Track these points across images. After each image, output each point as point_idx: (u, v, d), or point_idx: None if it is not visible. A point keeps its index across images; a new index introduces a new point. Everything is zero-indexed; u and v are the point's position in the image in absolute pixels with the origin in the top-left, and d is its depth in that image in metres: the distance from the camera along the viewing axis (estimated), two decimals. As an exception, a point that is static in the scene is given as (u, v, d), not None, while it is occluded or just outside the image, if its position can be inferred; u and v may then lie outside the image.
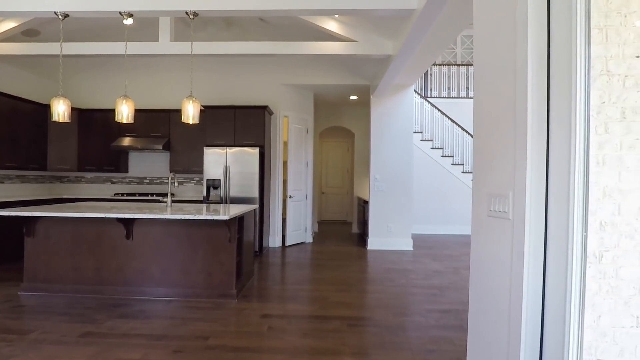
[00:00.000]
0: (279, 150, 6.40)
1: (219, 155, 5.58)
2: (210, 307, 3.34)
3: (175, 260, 3.53)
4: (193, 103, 3.39)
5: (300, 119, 6.67)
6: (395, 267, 5.05)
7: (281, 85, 6.38)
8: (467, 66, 9.36)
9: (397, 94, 6.26)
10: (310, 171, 6.92)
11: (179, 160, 6.09)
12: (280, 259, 5.51)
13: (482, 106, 1.82)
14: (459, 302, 3.58)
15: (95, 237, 3.54)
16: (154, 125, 6.09)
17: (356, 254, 5.89)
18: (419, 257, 5.73)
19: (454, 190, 8.33)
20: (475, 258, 1.91)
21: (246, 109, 5.76)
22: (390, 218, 6.30)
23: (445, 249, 6.45)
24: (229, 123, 5.77)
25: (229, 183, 5.58)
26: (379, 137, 6.30)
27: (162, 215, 3.13)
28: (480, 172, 1.84)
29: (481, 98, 1.82)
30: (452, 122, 8.51)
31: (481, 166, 1.83)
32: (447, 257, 5.76)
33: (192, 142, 6.07)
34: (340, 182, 10.40)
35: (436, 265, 5.17)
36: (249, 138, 5.75)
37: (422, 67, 4.99)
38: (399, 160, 6.28)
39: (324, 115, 8.50)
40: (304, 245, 6.55)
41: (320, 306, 3.44)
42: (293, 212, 6.49)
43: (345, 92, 6.97)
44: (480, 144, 1.84)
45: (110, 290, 3.53)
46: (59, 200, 5.75)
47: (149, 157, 6.45)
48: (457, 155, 8.48)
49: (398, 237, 6.30)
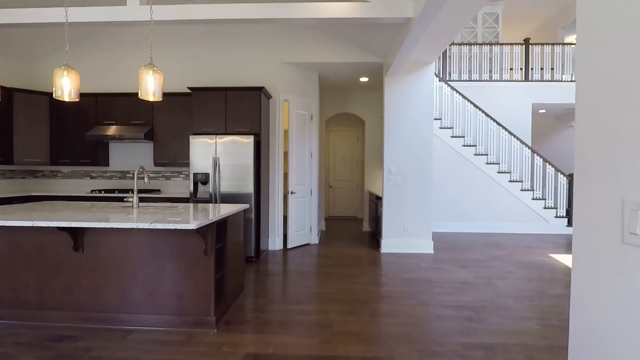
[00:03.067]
0: (278, 139, 5.58)
1: (207, 146, 4.79)
2: (179, 340, 2.57)
3: (136, 278, 2.76)
4: (154, 74, 2.58)
5: (303, 103, 5.83)
6: (415, 276, 4.23)
7: (280, 64, 5.54)
8: (490, 45, 8.39)
9: (415, 73, 5.37)
10: (315, 163, 6.10)
11: (163, 151, 5.32)
12: (279, 265, 4.73)
13: (600, 67, 0.96)
14: (504, 333, 2.76)
15: (35, 249, 2.78)
16: (134, 111, 5.32)
17: (368, 259, 5.08)
18: (441, 262, 4.90)
19: (475, 184, 7.44)
20: (583, 304, 1.08)
21: (239, 90, 4.94)
22: (407, 216, 5.46)
23: (469, 251, 5.60)
24: (219, 108, 4.96)
25: (219, 177, 4.79)
26: (394, 124, 5.43)
27: (97, 224, 2.34)
28: (598, 167, 1.00)
29: (598, 53, 0.96)
30: (476, 107, 7.58)
31: (598, 159, 1.00)
32: (473, 262, 4.92)
33: (178, 131, 5.29)
34: (349, 174, 9.57)
35: (463, 274, 4.33)
36: (242, 125, 4.94)
37: (446, 37, 4.08)
38: (417, 150, 5.42)
39: (330, 101, 7.64)
40: (309, 248, 5.76)
41: (323, 339, 2.64)
42: (295, 210, 5.69)
43: (355, 73, 6.11)
44: (593, 125, 1.00)
45: (56, 317, 2.78)
46: (24, 199, 5.03)
47: (132, 149, 5.69)
48: (480, 144, 7.57)
49: (416, 238, 5.46)
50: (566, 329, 2.83)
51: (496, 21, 9.24)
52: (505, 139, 7.51)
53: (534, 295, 3.60)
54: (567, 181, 7.43)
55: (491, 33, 9.28)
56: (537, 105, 8.61)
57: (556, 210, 7.37)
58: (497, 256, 5.27)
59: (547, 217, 7.36)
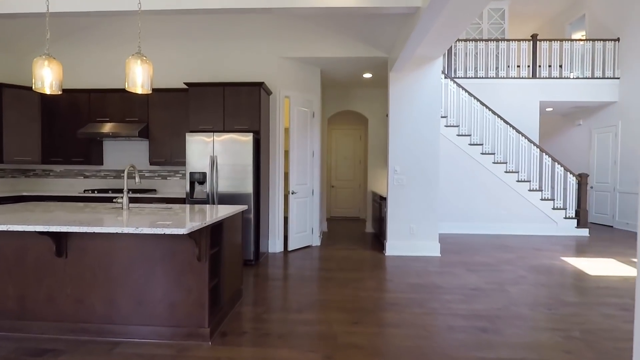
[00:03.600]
0: (279, 137, 5.36)
1: (204, 144, 4.57)
2: (170, 354, 2.36)
3: (124, 286, 2.55)
4: (142, 64, 2.37)
5: (305, 100, 5.61)
6: (422, 281, 4.01)
7: (280, 59, 5.32)
8: (496, 42, 8.16)
9: (421, 68, 5.15)
10: (317, 162, 5.88)
11: (159, 149, 5.10)
12: (279, 269, 4.51)
13: None
14: (523, 346, 2.54)
15: (15, 254, 2.57)
16: (129, 108, 5.11)
17: (372, 262, 4.86)
18: (448, 265, 4.68)
19: (482, 184, 7.22)
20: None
21: (237, 86, 4.73)
22: (413, 217, 5.24)
23: (477, 253, 5.38)
24: (216, 104, 4.75)
25: (216, 177, 4.57)
26: (399, 121, 5.21)
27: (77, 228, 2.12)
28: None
29: None
30: (482, 105, 7.35)
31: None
32: (483, 265, 4.70)
33: (174, 129, 5.08)
34: (352, 174, 9.34)
35: (473, 279, 4.11)
36: (241, 122, 4.73)
37: (455, 29, 3.84)
38: (422, 149, 5.20)
39: (333, 98, 7.41)
40: (310, 250, 5.54)
41: (326, 353, 2.43)
42: (297, 211, 5.48)
43: (358, 69, 5.89)
44: None
45: (38, 328, 2.57)
46: (15, 199, 4.82)
47: (126, 147, 5.48)
48: (487, 143, 7.34)
49: (422, 240, 5.24)
50: (591, 342, 2.61)
51: (502, 17, 9.01)
52: (513, 137, 7.28)
53: (551, 303, 3.38)
54: (576, 181, 7.20)
55: (497, 29, 9.05)
56: (544, 103, 8.38)
57: (565, 211, 7.14)
58: (507, 259, 5.05)
59: (556, 218, 7.14)
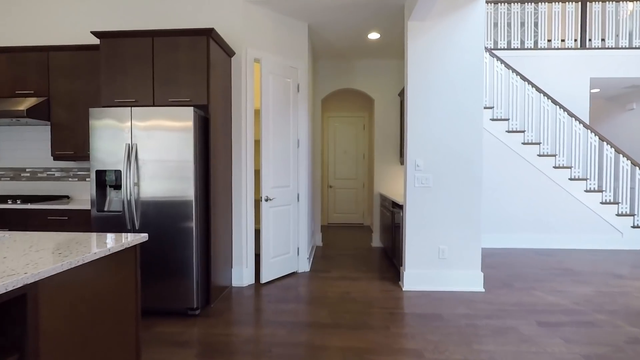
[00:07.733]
0: (246, 120, 3.68)
1: (117, 126, 2.90)
2: None
3: None
4: None
5: (286, 67, 3.92)
6: (473, 356, 2.32)
7: (249, 4, 3.64)
8: (534, 3, 6.43)
9: (455, 13, 3.46)
10: (304, 156, 4.18)
11: (66, 138, 3.44)
12: (237, 327, 2.83)
13: None
14: None
15: None
16: (20, 75, 3.45)
17: (384, 304, 3.17)
18: (504, 314, 2.98)
19: (523, 183, 5.52)
20: None
21: (174, 35, 3.04)
22: (443, 235, 3.55)
23: (537, 285, 3.67)
24: (142, 65, 3.07)
25: (136, 176, 2.90)
26: (422, 94, 3.52)
27: None
28: None
29: None
30: (524, 80, 5.63)
31: None
32: (556, 312, 3.00)
33: (89, 105, 3.42)
34: (354, 172, 7.65)
35: (557, 346, 2.41)
36: (178, 93, 3.05)
37: None
38: (458, 135, 3.51)
39: (328, 72, 5.70)
40: (294, 282, 3.86)
41: None
42: (273, 225, 3.80)
43: (361, 24, 4.19)
44: None
45: None
46: None
47: (25, 136, 3.82)
48: (529, 130, 5.62)
49: (457, 268, 3.56)
50: None
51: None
52: (564, 122, 5.56)
53: None
54: (649, 179, 5.48)
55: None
56: (595, 81, 6.65)
57: (633, 219, 5.42)
58: (585, 297, 3.35)
59: (620, 227, 5.42)
